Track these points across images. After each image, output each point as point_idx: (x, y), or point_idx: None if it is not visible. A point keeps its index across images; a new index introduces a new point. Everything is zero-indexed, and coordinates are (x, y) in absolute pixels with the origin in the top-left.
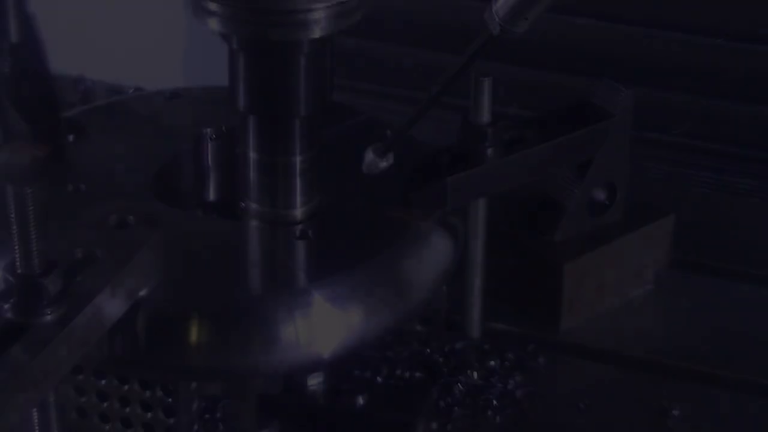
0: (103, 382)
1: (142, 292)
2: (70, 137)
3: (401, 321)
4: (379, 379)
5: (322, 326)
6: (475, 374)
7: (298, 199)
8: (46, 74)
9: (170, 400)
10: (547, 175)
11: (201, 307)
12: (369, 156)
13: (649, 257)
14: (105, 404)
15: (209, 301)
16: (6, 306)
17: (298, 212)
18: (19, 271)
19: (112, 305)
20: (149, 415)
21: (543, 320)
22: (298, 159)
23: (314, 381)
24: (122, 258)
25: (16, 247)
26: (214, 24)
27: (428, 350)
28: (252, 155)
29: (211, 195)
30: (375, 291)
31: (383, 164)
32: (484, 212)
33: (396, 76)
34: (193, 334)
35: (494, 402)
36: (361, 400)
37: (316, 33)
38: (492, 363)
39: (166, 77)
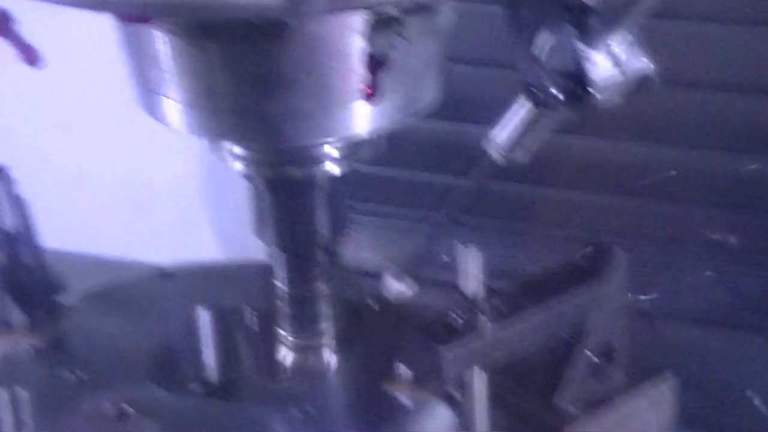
0: None
1: None
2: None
3: None
4: None
5: None
6: None
7: (325, 325)
8: (40, 261)
9: None
10: (546, 339)
11: None
12: (389, 281)
13: (654, 418)
14: None
15: None
16: None
17: (326, 339)
18: None
19: None
20: None
21: None
22: (321, 288)
23: None
24: None
25: None
26: (238, 166)
27: None
28: (281, 287)
29: (210, 375)
30: None
31: (408, 291)
32: (483, 380)
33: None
34: None
35: None
36: None
37: (334, 169)
38: None
39: None
